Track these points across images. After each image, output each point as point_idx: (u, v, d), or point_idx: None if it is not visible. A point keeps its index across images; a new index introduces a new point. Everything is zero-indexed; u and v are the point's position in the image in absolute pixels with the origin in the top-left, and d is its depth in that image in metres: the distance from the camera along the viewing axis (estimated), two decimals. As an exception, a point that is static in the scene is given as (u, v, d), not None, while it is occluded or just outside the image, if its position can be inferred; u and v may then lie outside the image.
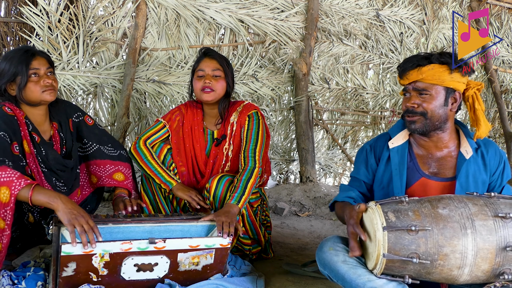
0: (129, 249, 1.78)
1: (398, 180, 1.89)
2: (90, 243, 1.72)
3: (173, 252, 1.85)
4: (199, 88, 2.41)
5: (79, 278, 1.78)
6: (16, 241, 2.07)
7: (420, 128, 1.86)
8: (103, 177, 2.32)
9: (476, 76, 4.99)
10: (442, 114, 1.84)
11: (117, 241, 1.77)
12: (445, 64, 1.81)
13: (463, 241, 1.57)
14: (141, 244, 1.80)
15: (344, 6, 4.20)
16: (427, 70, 1.81)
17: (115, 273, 1.81)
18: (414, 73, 1.83)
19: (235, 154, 2.46)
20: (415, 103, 1.84)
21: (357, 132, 4.60)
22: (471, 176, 1.86)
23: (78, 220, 1.73)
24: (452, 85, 1.83)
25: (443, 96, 1.83)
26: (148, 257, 1.83)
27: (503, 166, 1.93)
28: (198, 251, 1.87)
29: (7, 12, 3.48)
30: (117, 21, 3.55)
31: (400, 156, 1.92)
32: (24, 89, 2.05)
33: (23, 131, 2.06)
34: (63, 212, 1.74)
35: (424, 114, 1.83)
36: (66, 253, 1.71)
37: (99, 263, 1.77)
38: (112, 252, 1.76)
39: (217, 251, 1.91)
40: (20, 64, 2.04)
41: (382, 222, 1.61)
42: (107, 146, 2.36)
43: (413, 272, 1.61)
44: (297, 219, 3.57)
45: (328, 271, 1.77)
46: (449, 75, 1.81)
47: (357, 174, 2.05)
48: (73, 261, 1.73)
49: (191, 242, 1.86)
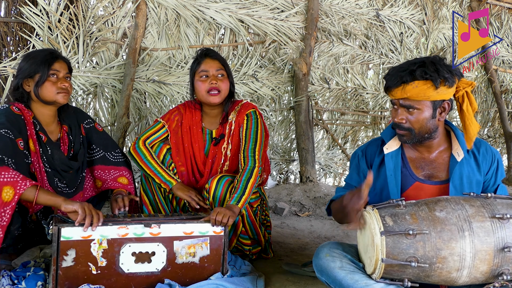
0: (125, 235, 1.91)
1: (394, 186, 1.88)
2: (92, 225, 1.85)
3: (169, 240, 1.97)
4: (205, 89, 2.39)
5: (79, 270, 1.86)
6: (18, 240, 2.10)
7: (409, 141, 1.85)
8: (108, 180, 2.38)
9: (476, 76, 4.99)
10: (430, 126, 1.82)
11: (113, 225, 1.90)
12: (429, 80, 1.74)
13: (461, 244, 1.57)
14: (137, 229, 1.93)
15: (344, 6, 4.20)
16: (411, 88, 1.75)
17: (114, 264, 1.90)
18: (398, 91, 1.78)
19: (233, 153, 2.46)
20: (403, 119, 1.81)
21: (357, 132, 4.60)
22: (465, 178, 1.85)
23: (82, 205, 1.87)
24: (439, 98, 1.78)
25: (431, 109, 1.79)
26: (145, 245, 1.94)
27: (497, 164, 1.91)
28: (193, 239, 1.99)
29: (7, 12, 3.48)
30: (117, 21, 3.56)
31: (395, 161, 1.90)
32: (41, 87, 2.14)
33: (29, 130, 2.12)
34: (67, 202, 1.88)
35: (411, 130, 1.81)
36: (65, 238, 1.83)
37: (97, 251, 1.87)
38: (109, 238, 1.89)
39: (212, 239, 2.01)
40: (43, 63, 2.14)
41: (379, 227, 1.61)
42: (113, 152, 2.43)
43: (412, 275, 1.62)
44: (297, 219, 3.58)
45: (325, 278, 1.77)
46: (434, 90, 1.75)
47: (350, 180, 2.05)
48: (73, 247, 1.84)
49: (185, 228, 1.99)
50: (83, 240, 1.85)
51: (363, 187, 1.67)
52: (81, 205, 1.86)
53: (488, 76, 4.97)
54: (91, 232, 1.86)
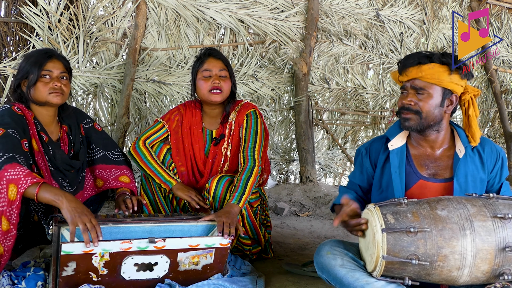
0: (129, 249, 1.79)
1: (399, 182, 1.89)
2: (93, 241, 1.73)
3: (173, 252, 1.86)
4: (207, 88, 2.40)
5: (79, 277, 1.79)
6: (19, 240, 2.09)
7: (414, 126, 1.85)
8: (109, 180, 2.37)
9: (476, 76, 4.99)
10: (437, 114, 1.84)
11: (117, 241, 1.78)
12: (446, 65, 1.81)
13: (462, 242, 1.57)
14: (141, 243, 1.81)
15: (344, 6, 4.20)
16: (427, 68, 1.81)
17: (115, 272, 1.82)
18: (414, 70, 1.83)
19: (233, 153, 2.46)
20: (412, 101, 1.84)
21: (357, 132, 4.60)
22: (470, 176, 1.86)
23: (81, 218, 1.76)
24: (450, 87, 1.83)
25: (440, 96, 1.83)
26: (148, 257, 1.84)
27: (501, 163, 1.93)
28: (198, 251, 1.89)
29: (7, 12, 3.48)
30: (117, 21, 3.55)
31: (400, 158, 1.91)
32: (33, 88, 2.12)
33: (31, 130, 2.11)
34: (66, 210, 1.78)
35: (419, 113, 1.83)
36: (66, 252, 1.72)
37: (99, 262, 1.78)
38: (112, 251, 1.77)
39: (217, 250, 1.91)
40: (35, 63, 2.11)
41: (381, 224, 1.61)
42: (113, 151, 2.42)
43: (413, 273, 1.62)
44: (297, 219, 3.58)
45: (326, 275, 1.78)
46: (448, 76, 1.81)
47: (353, 178, 2.07)
48: (73, 260, 1.74)
49: (191, 241, 1.87)
50: (84, 254, 1.75)
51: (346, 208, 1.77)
52: (73, 221, 1.75)
53: (488, 76, 4.97)
54: (93, 247, 1.75)
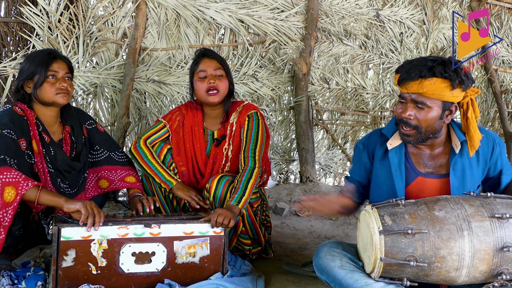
0: (126, 235, 1.91)
1: (400, 181, 1.89)
2: (94, 225, 1.84)
3: (169, 240, 1.97)
4: (204, 89, 2.39)
5: (79, 269, 1.86)
6: (19, 240, 2.10)
7: (414, 141, 1.83)
8: (115, 181, 2.38)
9: (476, 76, 4.99)
10: (437, 126, 1.82)
11: (114, 226, 1.89)
12: (448, 80, 1.73)
13: (460, 243, 1.58)
14: (137, 229, 1.93)
15: (344, 6, 4.20)
16: (429, 84, 1.73)
17: (114, 264, 1.91)
18: (415, 85, 1.75)
19: (234, 154, 2.47)
20: (411, 115, 1.79)
21: (357, 132, 4.60)
22: (467, 169, 1.86)
23: (83, 204, 1.86)
24: (452, 99, 1.78)
25: (440, 109, 1.79)
26: (145, 245, 1.94)
27: (499, 148, 1.90)
28: (193, 239, 2.00)
29: (7, 12, 3.48)
30: (117, 21, 3.56)
31: (399, 156, 1.91)
32: (39, 88, 2.13)
33: (32, 131, 2.12)
34: (70, 201, 1.88)
35: (418, 127, 1.79)
36: (65, 238, 1.83)
37: (97, 251, 1.87)
38: (109, 238, 1.89)
39: (212, 239, 2.01)
40: (41, 64, 2.13)
41: (378, 226, 1.62)
42: (117, 152, 2.43)
43: (411, 274, 1.62)
44: (297, 219, 3.58)
45: (325, 277, 1.78)
46: (450, 91, 1.75)
47: (352, 174, 2.08)
48: (73, 247, 1.84)
49: (185, 228, 1.99)
50: (83, 240, 1.85)
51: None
52: (83, 204, 1.86)
53: (488, 76, 4.97)
54: (91, 232, 1.86)
